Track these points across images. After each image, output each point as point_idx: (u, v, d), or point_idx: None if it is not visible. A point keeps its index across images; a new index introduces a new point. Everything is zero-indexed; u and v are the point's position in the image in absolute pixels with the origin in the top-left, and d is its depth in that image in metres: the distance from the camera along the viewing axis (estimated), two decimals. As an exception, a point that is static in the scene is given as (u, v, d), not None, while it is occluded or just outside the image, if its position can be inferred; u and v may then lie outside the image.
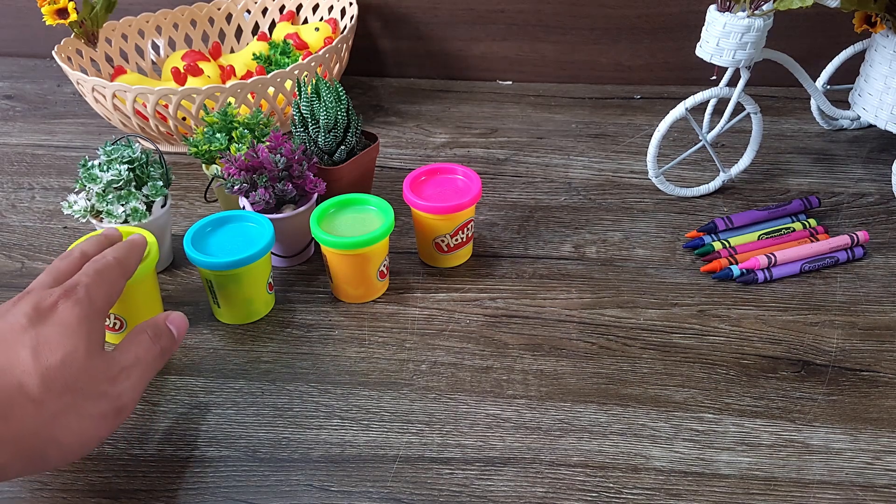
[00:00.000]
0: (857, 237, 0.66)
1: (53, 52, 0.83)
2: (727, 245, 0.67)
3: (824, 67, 0.81)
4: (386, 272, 0.64)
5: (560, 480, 0.49)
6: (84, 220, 0.64)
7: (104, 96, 0.78)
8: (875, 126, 0.77)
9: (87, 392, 0.43)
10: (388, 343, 0.59)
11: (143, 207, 0.64)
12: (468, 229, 0.66)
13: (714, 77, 0.71)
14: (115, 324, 0.59)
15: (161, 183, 0.65)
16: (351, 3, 0.94)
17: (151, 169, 0.66)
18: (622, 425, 0.52)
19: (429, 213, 0.63)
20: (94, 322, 0.46)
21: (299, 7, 1.00)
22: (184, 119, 0.80)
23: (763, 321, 0.60)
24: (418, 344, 0.59)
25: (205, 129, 0.69)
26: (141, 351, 0.48)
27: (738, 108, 0.73)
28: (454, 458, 0.51)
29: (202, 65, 0.90)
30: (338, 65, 0.89)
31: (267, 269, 0.61)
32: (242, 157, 0.64)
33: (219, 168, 0.69)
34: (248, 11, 0.99)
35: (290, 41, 0.94)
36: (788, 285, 0.64)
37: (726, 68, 0.69)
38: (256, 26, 1.00)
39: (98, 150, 0.65)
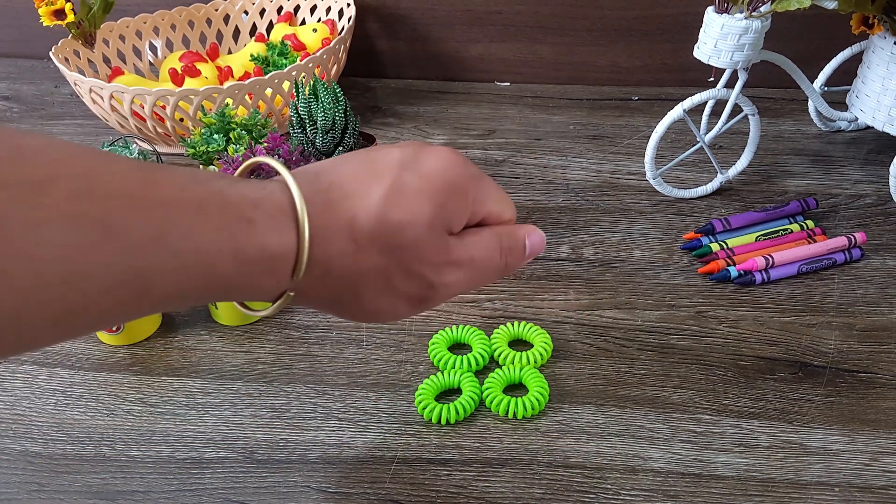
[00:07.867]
0: (855, 239, 0.66)
1: (51, 53, 0.83)
2: (725, 246, 0.67)
3: (822, 69, 0.81)
4: None
5: (558, 482, 0.49)
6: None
7: (102, 97, 0.78)
8: (872, 127, 0.77)
9: (406, 265, 0.38)
10: (386, 344, 0.59)
11: (140, 208, 0.64)
12: (466, 231, 0.65)
13: (712, 78, 0.72)
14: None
15: (158, 184, 0.65)
16: (349, 5, 0.94)
17: (149, 170, 0.66)
18: (620, 426, 0.52)
19: (427, 214, 0.63)
20: (455, 199, 0.39)
21: (297, 8, 1.00)
22: (181, 120, 0.80)
23: (761, 322, 0.60)
24: (416, 345, 0.59)
25: (202, 131, 0.69)
26: (483, 254, 0.41)
27: (736, 109, 0.73)
28: (452, 459, 0.51)
29: (200, 66, 0.90)
30: (335, 66, 0.88)
31: (264, 270, 0.61)
32: (240, 159, 0.64)
33: (216, 169, 0.69)
34: (246, 12, 0.99)
35: (288, 42, 0.94)
36: (786, 287, 0.64)
37: (724, 70, 0.69)
38: (254, 27, 1.00)
39: (95, 151, 0.65)
